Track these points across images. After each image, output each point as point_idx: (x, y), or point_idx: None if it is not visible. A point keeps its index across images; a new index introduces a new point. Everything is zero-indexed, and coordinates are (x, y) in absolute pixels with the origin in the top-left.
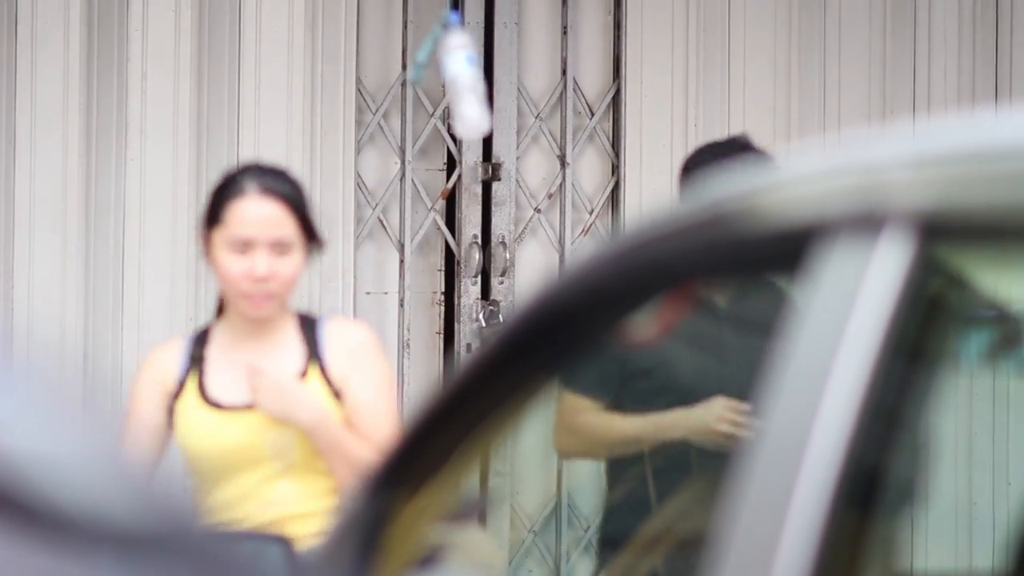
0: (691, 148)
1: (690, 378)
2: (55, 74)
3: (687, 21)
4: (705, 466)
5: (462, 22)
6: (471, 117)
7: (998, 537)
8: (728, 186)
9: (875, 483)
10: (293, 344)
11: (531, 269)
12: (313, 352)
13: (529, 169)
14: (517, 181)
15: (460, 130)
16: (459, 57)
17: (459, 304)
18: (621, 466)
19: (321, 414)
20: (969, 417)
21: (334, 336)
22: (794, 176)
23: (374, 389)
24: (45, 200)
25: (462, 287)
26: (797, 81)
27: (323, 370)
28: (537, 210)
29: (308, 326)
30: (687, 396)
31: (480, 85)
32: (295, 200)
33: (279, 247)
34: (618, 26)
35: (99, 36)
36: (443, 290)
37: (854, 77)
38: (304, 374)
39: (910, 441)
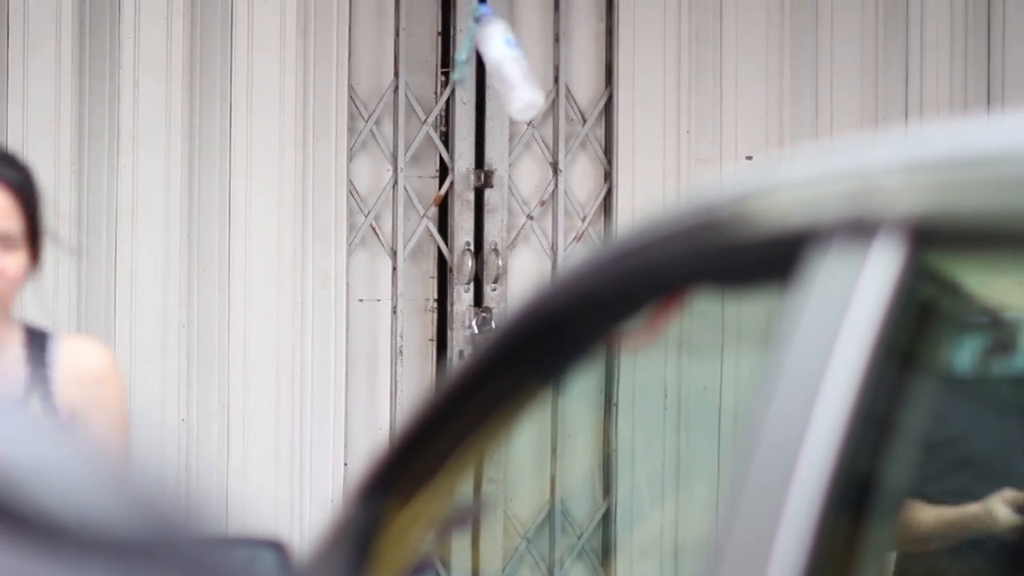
0: (683, 155)
1: (981, 466)
2: (47, 81)
3: (679, 28)
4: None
5: (493, 11)
6: (522, 97)
7: (989, 541)
8: (720, 191)
9: (867, 489)
10: (15, 365)
11: (524, 276)
12: (38, 377)
13: (522, 176)
14: (509, 188)
15: (514, 112)
16: (498, 42)
17: (452, 311)
18: (916, 559)
19: None
20: (962, 422)
21: (66, 359)
22: (786, 181)
23: (109, 426)
24: None
25: (455, 294)
26: (789, 87)
27: (49, 400)
28: (530, 217)
29: (36, 343)
30: (980, 485)
31: (524, 64)
32: (25, 189)
33: (5, 241)
34: (610, 33)
35: (91, 43)
36: (436, 297)
37: (846, 83)
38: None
39: (902, 447)
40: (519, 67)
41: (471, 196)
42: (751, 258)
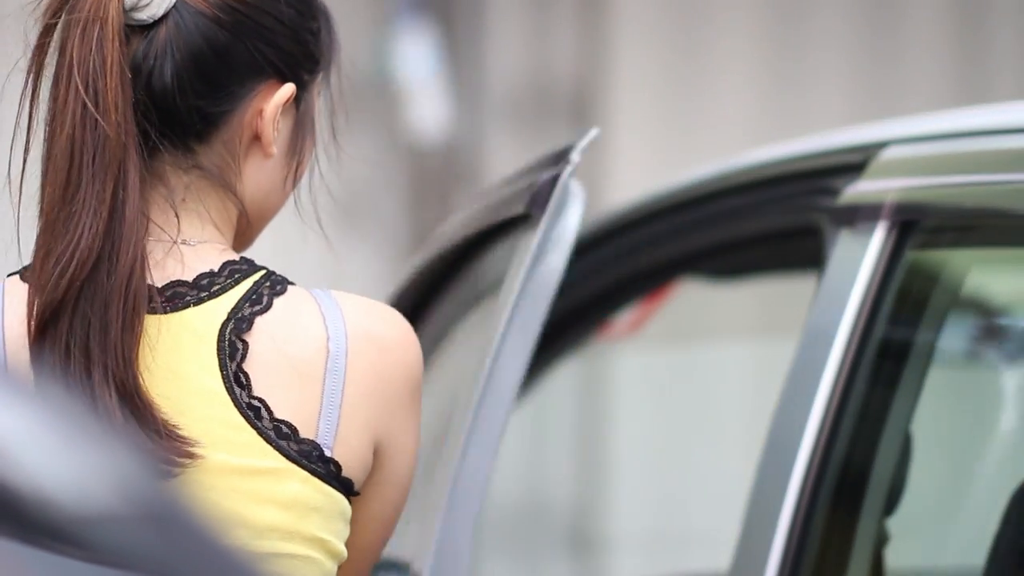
0: (669, 139)
1: None
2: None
3: (667, 10)
4: None
5: (420, 17)
6: (430, 110)
7: (978, 532)
8: (711, 167)
9: (852, 478)
10: None
11: None
12: None
13: (502, 158)
14: (488, 170)
15: (419, 122)
16: (417, 53)
17: None
18: None
19: None
20: (949, 410)
21: None
22: (776, 161)
23: None
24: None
25: None
26: (778, 75)
27: None
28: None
29: None
30: None
31: (439, 78)
32: None
33: None
34: (596, 14)
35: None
36: None
37: (836, 70)
38: None
39: (889, 435)
40: (433, 80)
41: (449, 177)
42: (740, 237)
